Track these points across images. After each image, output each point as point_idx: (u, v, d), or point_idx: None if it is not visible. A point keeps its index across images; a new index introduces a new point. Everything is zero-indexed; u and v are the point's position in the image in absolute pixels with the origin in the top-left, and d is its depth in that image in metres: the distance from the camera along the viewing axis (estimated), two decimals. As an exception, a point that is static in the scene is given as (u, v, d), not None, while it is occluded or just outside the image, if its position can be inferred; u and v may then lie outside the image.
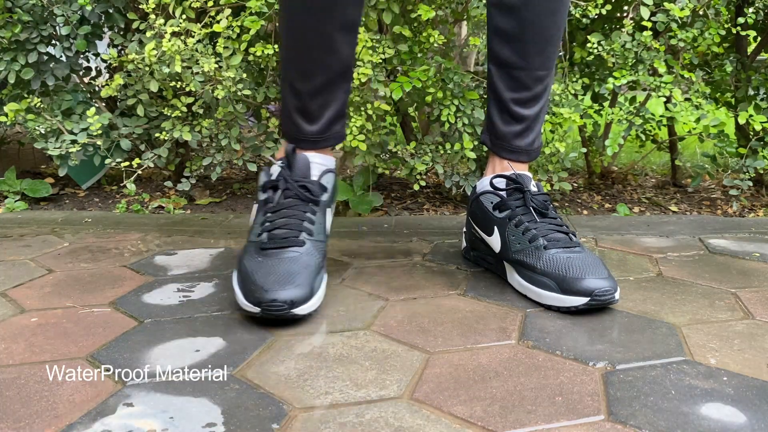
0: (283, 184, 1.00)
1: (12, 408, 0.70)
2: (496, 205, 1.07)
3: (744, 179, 1.58)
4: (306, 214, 0.99)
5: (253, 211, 1.05)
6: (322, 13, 0.95)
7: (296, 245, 0.95)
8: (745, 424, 0.67)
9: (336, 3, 0.95)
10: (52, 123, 1.56)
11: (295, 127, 1.04)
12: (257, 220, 1.01)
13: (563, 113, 1.49)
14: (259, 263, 0.92)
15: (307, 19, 0.97)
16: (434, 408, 0.70)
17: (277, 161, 1.04)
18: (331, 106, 1.03)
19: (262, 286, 0.88)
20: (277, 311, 0.86)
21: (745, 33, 1.55)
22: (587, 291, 0.92)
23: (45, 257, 1.22)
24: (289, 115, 1.05)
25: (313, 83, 1.01)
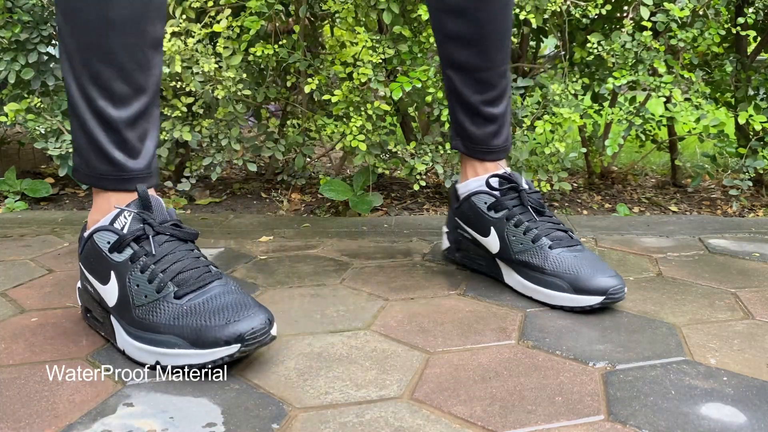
0: (150, 230, 0.82)
1: (12, 408, 0.70)
2: (491, 205, 1.05)
3: (744, 179, 1.58)
4: (195, 252, 0.85)
5: (101, 287, 0.84)
6: (131, 29, 0.82)
7: (217, 278, 0.81)
8: (745, 424, 0.67)
9: (145, 18, 0.83)
10: (52, 123, 1.56)
11: (114, 165, 0.85)
12: (134, 282, 0.80)
13: (563, 113, 1.49)
14: (190, 309, 0.77)
15: (114, 36, 0.82)
16: (434, 408, 0.70)
17: (118, 210, 0.84)
18: (151, 134, 0.89)
19: (226, 320, 0.74)
20: (262, 336, 0.75)
21: (745, 33, 1.55)
22: (602, 290, 0.92)
23: (45, 257, 1.22)
24: (99, 152, 0.85)
25: (132, 109, 0.85)
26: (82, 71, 0.83)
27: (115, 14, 0.81)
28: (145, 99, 0.86)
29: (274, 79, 1.68)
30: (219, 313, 0.75)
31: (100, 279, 0.83)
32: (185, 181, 1.65)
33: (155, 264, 0.80)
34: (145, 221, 0.83)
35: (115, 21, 0.81)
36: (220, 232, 1.40)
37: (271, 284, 1.07)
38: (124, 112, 0.85)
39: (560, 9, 1.48)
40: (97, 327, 0.87)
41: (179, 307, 0.77)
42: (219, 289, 0.79)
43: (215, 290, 0.79)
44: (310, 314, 0.95)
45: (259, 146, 1.64)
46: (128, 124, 0.85)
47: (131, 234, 0.82)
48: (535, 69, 1.74)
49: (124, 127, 0.85)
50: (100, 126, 0.84)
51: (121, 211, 0.83)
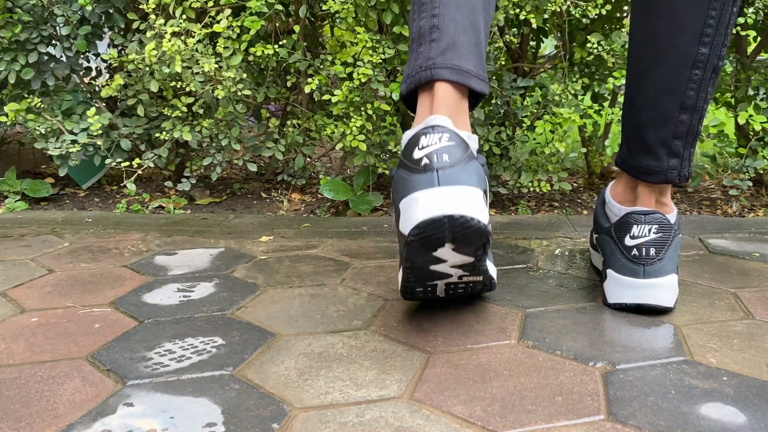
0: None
1: (12, 408, 0.70)
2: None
3: (744, 179, 1.58)
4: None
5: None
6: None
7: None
8: (745, 424, 0.67)
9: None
10: (53, 123, 1.56)
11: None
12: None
13: (563, 113, 1.49)
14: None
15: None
16: (434, 408, 0.70)
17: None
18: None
19: None
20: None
21: (745, 33, 1.55)
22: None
23: (45, 257, 1.22)
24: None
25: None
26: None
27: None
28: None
29: (274, 79, 1.68)
30: None
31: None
32: (185, 181, 1.65)
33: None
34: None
35: None
36: (220, 232, 1.40)
37: (271, 284, 1.07)
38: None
39: (560, 9, 1.48)
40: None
41: None
42: None
43: None
44: (310, 314, 0.95)
45: (259, 146, 1.64)
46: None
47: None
48: (535, 69, 1.74)
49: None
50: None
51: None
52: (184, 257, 1.22)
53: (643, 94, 0.95)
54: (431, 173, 0.75)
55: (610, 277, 0.95)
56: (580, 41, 1.64)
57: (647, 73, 0.94)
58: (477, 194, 0.76)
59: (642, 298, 0.93)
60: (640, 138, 0.96)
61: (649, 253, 0.92)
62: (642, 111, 0.96)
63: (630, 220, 0.93)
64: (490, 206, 1.63)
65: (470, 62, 0.83)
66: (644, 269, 0.92)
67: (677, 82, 0.92)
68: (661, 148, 0.94)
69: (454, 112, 0.82)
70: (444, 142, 0.76)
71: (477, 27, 0.85)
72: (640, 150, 0.96)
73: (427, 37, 0.83)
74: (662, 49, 0.92)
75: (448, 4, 0.84)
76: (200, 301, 1.00)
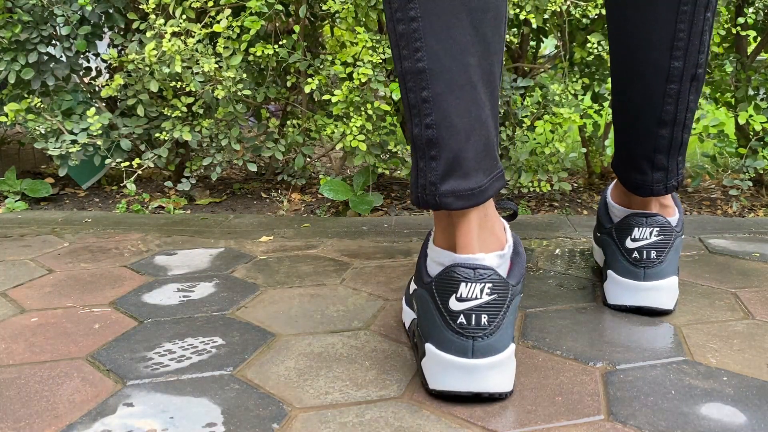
0: None
1: (12, 408, 0.70)
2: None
3: (744, 179, 1.58)
4: None
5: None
6: None
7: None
8: (745, 424, 0.67)
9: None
10: (52, 123, 1.56)
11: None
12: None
13: (563, 113, 1.49)
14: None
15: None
16: (434, 408, 0.70)
17: None
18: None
19: None
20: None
21: (745, 33, 1.55)
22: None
23: (45, 257, 1.22)
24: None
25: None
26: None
27: None
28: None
29: (274, 79, 1.68)
30: None
31: None
32: (185, 181, 1.65)
33: None
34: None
35: None
36: (220, 232, 1.40)
37: (271, 284, 1.07)
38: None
39: (560, 9, 1.48)
40: None
41: None
42: None
43: None
44: (310, 314, 0.95)
45: (259, 146, 1.64)
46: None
47: None
48: (535, 69, 1.74)
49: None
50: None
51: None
52: (184, 257, 1.22)
53: (624, 111, 0.95)
54: (467, 341, 0.69)
55: (610, 278, 0.95)
56: (580, 41, 1.64)
57: (626, 90, 0.93)
58: (509, 360, 0.71)
59: (642, 300, 0.93)
60: (626, 152, 0.96)
61: (650, 256, 0.91)
62: (624, 128, 0.95)
63: (631, 222, 0.93)
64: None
65: (479, 174, 0.73)
66: (645, 272, 0.92)
67: (653, 97, 0.90)
68: (645, 162, 0.93)
69: (482, 235, 0.74)
70: (485, 296, 0.69)
71: (481, 118, 0.72)
72: (626, 163, 0.96)
73: (425, 152, 0.72)
74: (637, 65, 0.90)
75: (441, 107, 0.70)
76: (200, 301, 1.00)
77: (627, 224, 0.93)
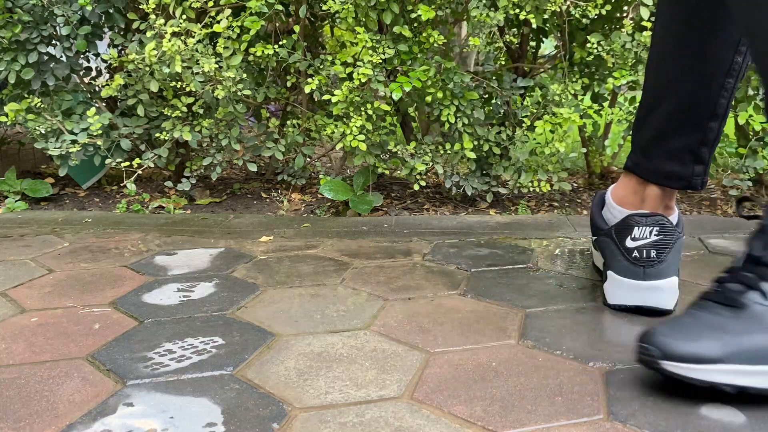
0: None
1: (12, 408, 0.70)
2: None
3: (744, 179, 1.58)
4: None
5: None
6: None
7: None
8: (745, 424, 0.67)
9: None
10: (53, 123, 1.56)
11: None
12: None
13: (563, 113, 1.49)
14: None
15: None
16: (434, 408, 0.70)
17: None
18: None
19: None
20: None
21: (745, 33, 1.55)
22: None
23: (45, 257, 1.22)
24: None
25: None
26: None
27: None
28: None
29: (274, 79, 1.69)
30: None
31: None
32: (185, 181, 1.65)
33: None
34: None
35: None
36: (220, 232, 1.40)
37: (271, 284, 1.07)
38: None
39: (560, 9, 1.48)
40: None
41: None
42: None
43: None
44: (310, 314, 0.95)
45: (259, 146, 1.64)
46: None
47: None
48: (535, 69, 1.74)
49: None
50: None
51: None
52: (184, 257, 1.22)
53: (671, 102, 0.93)
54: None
55: (610, 278, 0.95)
56: (580, 41, 1.64)
57: (681, 82, 0.92)
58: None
59: (642, 300, 0.93)
60: (664, 144, 0.95)
61: (650, 255, 0.92)
62: (668, 119, 0.94)
63: (631, 222, 0.93)
64: (490, 206, 1.63)
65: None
66: (644, 271, 0.92)
67: (711, 90, 0.91)
68: (688, 154, 0.94)
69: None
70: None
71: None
72: (662, 155, 0.95)
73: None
74: (699, 58, 0.90)
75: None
76: (200, 301, 1.00)
77: (627, 224, 0.93)
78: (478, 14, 1.41)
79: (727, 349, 0.69)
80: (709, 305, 0.75)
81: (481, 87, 1.59)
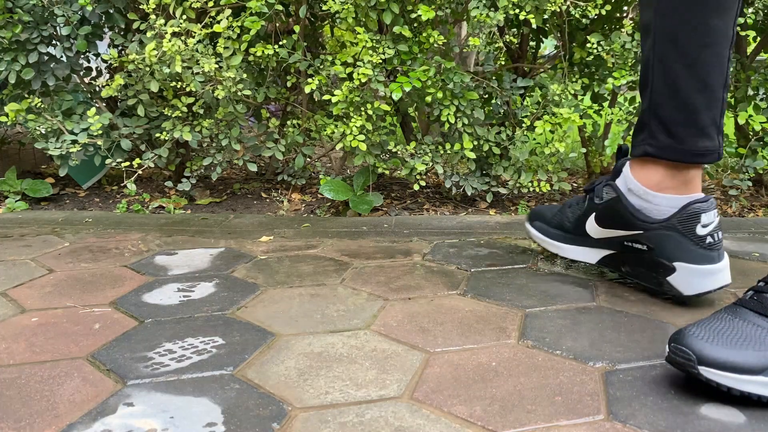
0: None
1: (12, 408, 0.70)
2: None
3: (743, 179, 1.58)
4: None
5: None
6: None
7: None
8: (744, 424, 0.67)
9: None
10: (53, 123, 1.56)
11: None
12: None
13: (563, 113, 1.49)
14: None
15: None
16: (434, 408, 0.70)
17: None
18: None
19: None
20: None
21: (744, 33, 1.55)
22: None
23: (45, 257, 1.22)
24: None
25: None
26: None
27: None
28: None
29: (274, 79, 1.69)
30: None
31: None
32: (186, 181, 1.65)
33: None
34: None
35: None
36: (221, 232, 1.40)
37: (271, 284, 1.07)
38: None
39: (560, 9, 1.48)
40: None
41: None
42: None
43: None
44: (310, 314, 0.95)
45: (259, 146, 1.64)
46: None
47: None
48: (534, 69, 1.74)
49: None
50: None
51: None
52: (184, 257, 1.22)
53: (693, 77, 0.96)
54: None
55: (682, 270, 0.95)
56: (580, 41, 1.64)
57: (697, 57, 0.95)
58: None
59: (718, 281, 0.96)
60: (692, 121, 0.97)
61: (720, 237, 0.95)
62: (692, 94, 0.96)
63: (698, 210, 0.94)
64: (490, 206, 1.63)
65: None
66: (718, 254, 0.96)
67: (721, 62, 0.95)
68: (712, 127, 0.97)
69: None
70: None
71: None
72: (693, 134, 0.97)
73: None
74: (711, 32, 0.94)
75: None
76: (200, 301, 1.00)
77: (692, 212, 0.94)
78: (478, 14, 1.41)
79: (766, 361, 0.70)
80: (745, 313, 0.75)
81: (481, 87, 1.59)
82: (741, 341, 0.71)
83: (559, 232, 1.12)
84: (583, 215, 1.07)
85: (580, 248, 1.09)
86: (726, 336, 0.71)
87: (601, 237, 1.05)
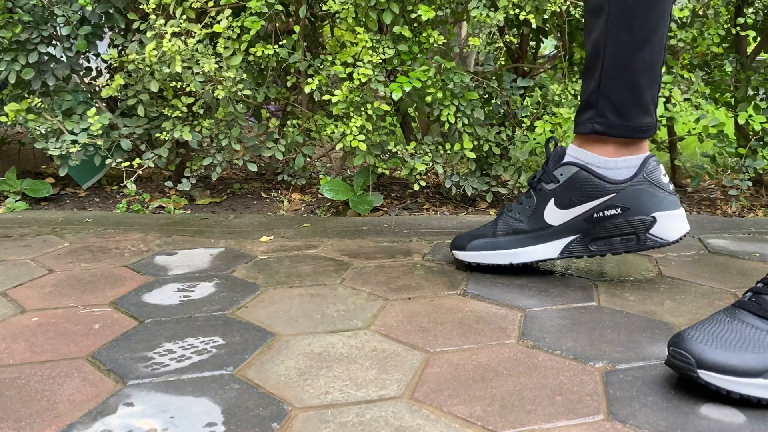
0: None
1: (12, 408, 0.70)
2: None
3: (743, 179, 1.58)
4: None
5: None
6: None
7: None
8: (744, 424, 0.67)
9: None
10: (53, 123, 1.56)
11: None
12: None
13: (563, 113, 1.49)
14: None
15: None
16: (434, 408, 0.70)
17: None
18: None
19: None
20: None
21: (744, 33, 1.55)
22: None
23: (45, 257, 1.22)
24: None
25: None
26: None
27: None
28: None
29: (274, 79, 1.69)
30: None
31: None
32: (185, 181, 1.65)
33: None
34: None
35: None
36: (221, 232, 1.40)
37: (271, 284, 1.08)
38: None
39: (560, 9, 1.48)
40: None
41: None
42: None
43: None
44: (310, 314, 0.95)
45: (259, 146, 1.64)
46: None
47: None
48: (534, 69, 1.74)
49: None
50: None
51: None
52: (184, 257, 1.22)
53: (643, 59, 1.00)
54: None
55: (662, 218, 1.01)
56: (580, 41, 1.64)
57: (648, 40, 0.99)
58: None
59: (687, 224, 1.04)
60: (638, 100, 1.02)
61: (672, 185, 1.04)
62: (640, 75, 1.01)
63: (654, 162, 1.02)
64: (490, 206, 1.63)
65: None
66: (678, 198, 1.04)
67: (664, 43, 1.02)
68: (652, 105, 1.03)
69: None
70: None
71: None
72: (638, 113, 1.02)
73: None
74: (661, 17, 0.99)
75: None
76: (200, 301, 1.00)
77: (652, 164, 1.02)
78: (478, 14, 1.41)
79: (765, 363, 0.70)
80: (744, 315, 0.75)
81: (481, 87, 1.59)
82: (740, 344, 0.71)
83: (513, 237, 1.09)
84: (538, 207, 1.08)
85: (538, 246, 1.07)
86: (724, 339, 0.72)
87: (565, 220, 1.06)
